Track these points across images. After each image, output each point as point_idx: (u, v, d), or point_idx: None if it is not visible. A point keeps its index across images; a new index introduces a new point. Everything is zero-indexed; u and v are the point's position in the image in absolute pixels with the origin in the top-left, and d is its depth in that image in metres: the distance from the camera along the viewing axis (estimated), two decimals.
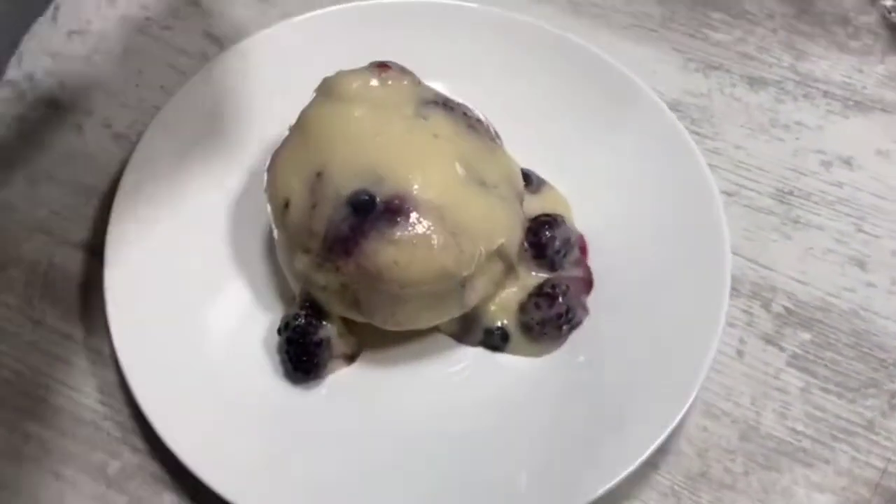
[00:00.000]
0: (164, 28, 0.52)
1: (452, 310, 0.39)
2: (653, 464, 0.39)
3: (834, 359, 0.42)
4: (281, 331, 0.40)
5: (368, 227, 0.36)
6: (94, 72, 0.50)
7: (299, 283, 0.40)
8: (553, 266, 0.42)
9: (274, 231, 0.40)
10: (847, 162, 0.47)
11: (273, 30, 0.47)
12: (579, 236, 0.43)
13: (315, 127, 0.38)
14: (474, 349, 0.41)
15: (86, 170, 0.47)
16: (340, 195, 0.36)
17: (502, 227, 0.38)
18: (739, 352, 0.42)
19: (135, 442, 0.40)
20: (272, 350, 0.40)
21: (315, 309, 0.39)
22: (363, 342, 0.41)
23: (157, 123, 0.45)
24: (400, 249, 0.36)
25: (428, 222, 0.36)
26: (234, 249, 0.43)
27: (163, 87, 0.49)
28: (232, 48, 0.47)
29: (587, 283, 0.42)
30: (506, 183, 0.40)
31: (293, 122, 0.40)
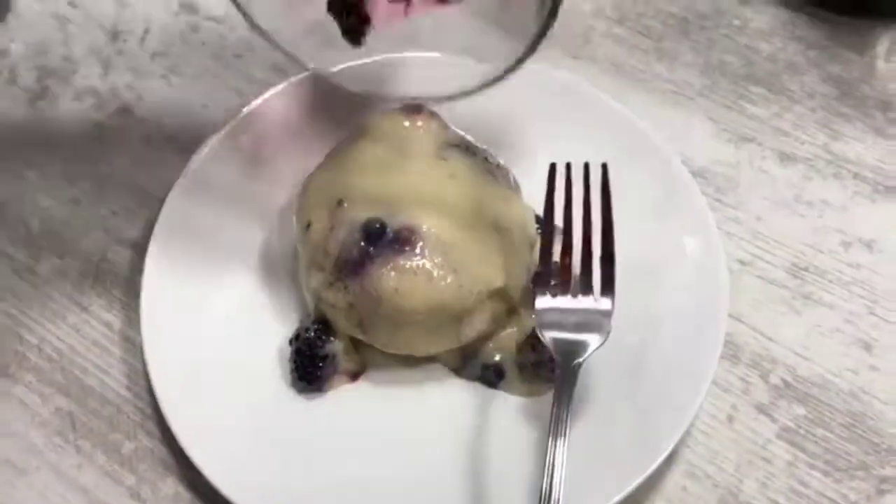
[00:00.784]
0: (237, 56, 0.56)
1: (450, 341, 0.41)
2: None
3: (826, 437, 0.42)
4: (292, 341, 0.43)
5: (376, 253, 0.39)
6: (169, 90, 0.55)
7: (313, 300, 0.43)
8: None
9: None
10: (868, 245, 0.47)
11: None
12: None
13: (342, 159, 0.42)
14: (472, 382, 0.43)
15: (147, 177, 0.51)
16: (355, 221, 0.39)
17: (505, 271, 0.40)
18: (730, 417, 0.43)
19: (150, 427, 0.43)
20: (283, 358, 0.44)
21: (325, 325, 0.42)
22: (368, 362, 0.44)
23: (215, 141, 0.49)
24: (402, 277, 0.38)
25: (432, 256, 0.39)
26: (263, 263, 0.46)
27: (227, 111, 0.54)
28: (290, 81, 0.51)
29: None
30: (516, 228, 0.42)
31: (328, 152, 0.44)
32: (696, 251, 0.44)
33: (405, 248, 0.39)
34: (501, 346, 0.43)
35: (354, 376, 0.43)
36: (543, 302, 0.40)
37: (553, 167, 0.42)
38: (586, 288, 0.40)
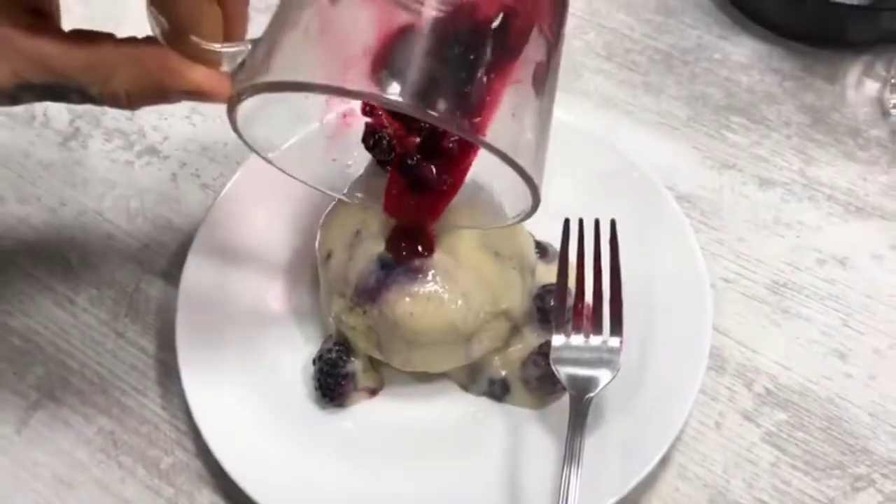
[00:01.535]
0: None
1: (460, 358, 0.45)
2: None
3: (806, 439, 0.46)
4: (315, 361, 0.47)
5: (392, 281, 0.43)
6: (192, 130, 0.59)
7: (335, 323, 0.47)
8: None
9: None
10: (841, 262, 0.51)
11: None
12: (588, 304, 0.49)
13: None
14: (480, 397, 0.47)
15: (174, 211, 0.55)
16: (372, 252, 0.44)
17: (508, 295, 0.44)
18: (718, 423, 0.46)
19: (186, 443, 0.47)
20: (308, 377, 0.47)
21: (346, 346, 0.46)
22: (385, 379, 0.48)
23: (239, 178, 0.53)
24: (416, 303, 0.42)
25: (443, 283, 0.43)
26: (286, 289, 0.50)
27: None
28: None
29: None
30: (518, 257, 0.46)
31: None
32: (683, 271, 0.48)
33: (418, 276, 0.43)
34: (507, 363, 0.47)
35: (373, 392, 0.47)
36: (559, 340, 0.44)
37: (567, 223, 0.46)
38: (597, 329, 0.44)
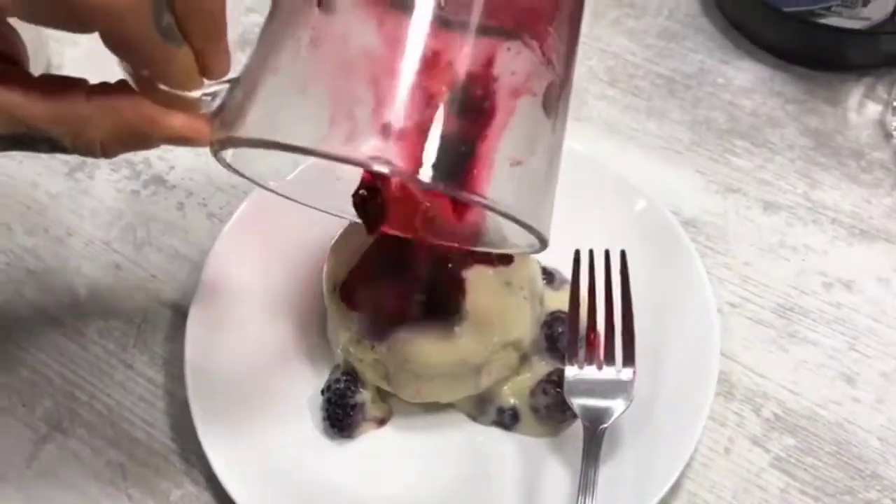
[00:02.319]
0: None
1: (469, 389, 0.45)
2: None
3: (815, 464, 0.46)
4: (324, 392, 0.47)
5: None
6: (198, 159, 0.60)
7: (343, 354, 0.47)
8: (563, 357, 0.48)
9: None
10: (847, 285, 0.52)
11: None
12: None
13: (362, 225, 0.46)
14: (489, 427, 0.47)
15: (181, 241, 0.56)
16: None
17: (518, 325, 0.45)
18: (727, 449, 0.46)
19: (195, 476, 0.47)
20: (317, 407, 0.47)
21: (354, 376, 0.46)
22: (393, 409, 0.48)
23: (245, 207, 0.53)
24: (426, 339, 0.42)
25: (454, 317, 0.43)
26: (296, 320, 0.51)
27: None
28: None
29: None
30: (528, 286, 0.46)
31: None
32: (689, 296, 0.48)
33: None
34: (516, 392, 0.47)
35: (381, 422, 0.47)
36: (572, 372, 0.44)
37: (577, 255, 0.47)
38: (610, 360, 0.44)
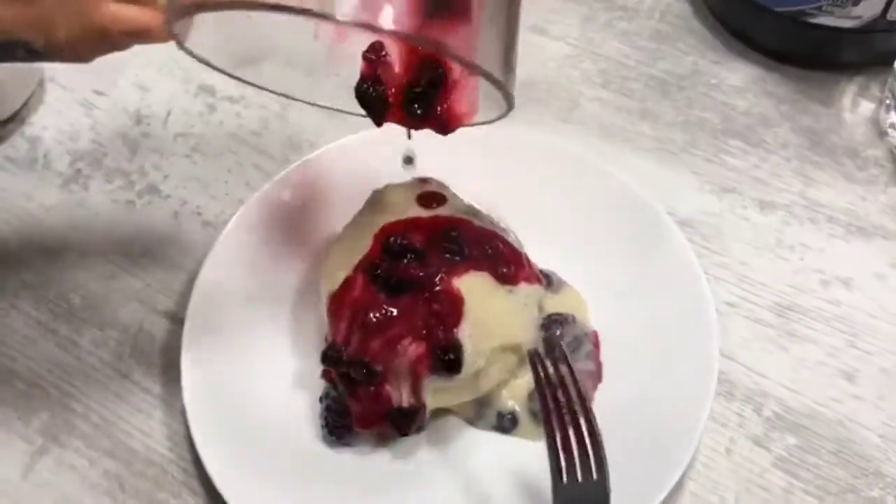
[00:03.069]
0: (254, 134, 0.61)
1: (468, 393, 0.45)
2: None
3: (817, 463, 0.46)
4: (322, 399, 0.46)
5: None
6: (192, 168, 0.59)
7: None
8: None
9: None
10: (845, 283, 0.52)
11: (344, 141, 0.55)
12: (593, 332, 0.49)
13: (358, 230, 0.46)
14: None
15: (177, 250, 0.55)
16: None
17: (517, 328, 0.44)
18: (728, 450, 0.46)
19: (193, 485, 0.47)
20: (315, 415, 0.47)
21: None
22: None
23: (241, 215, 0.53)
24: None
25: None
26: (293, 328, 0.50)
27: (248, 184, 0.58)
28: (309, 156, 0.55)
29: (596, 376, 0.48)
30: (526, 289, 0.46)
31: (346, 224, 0.48)
32: (687, 296, 0.48)
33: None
34: (515, 395, 0.46)
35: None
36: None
37: (532, 356, 0.43)
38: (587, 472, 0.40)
